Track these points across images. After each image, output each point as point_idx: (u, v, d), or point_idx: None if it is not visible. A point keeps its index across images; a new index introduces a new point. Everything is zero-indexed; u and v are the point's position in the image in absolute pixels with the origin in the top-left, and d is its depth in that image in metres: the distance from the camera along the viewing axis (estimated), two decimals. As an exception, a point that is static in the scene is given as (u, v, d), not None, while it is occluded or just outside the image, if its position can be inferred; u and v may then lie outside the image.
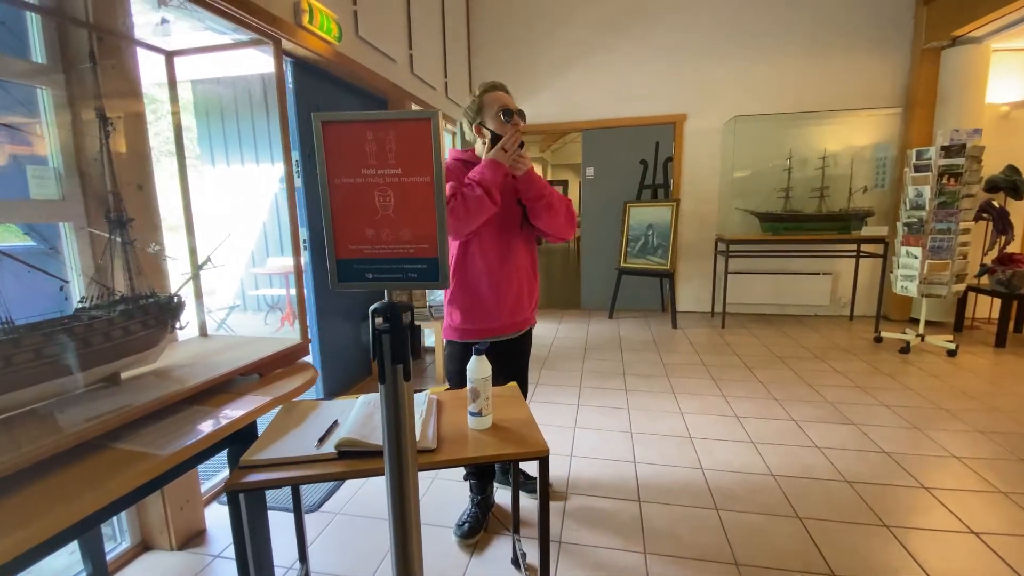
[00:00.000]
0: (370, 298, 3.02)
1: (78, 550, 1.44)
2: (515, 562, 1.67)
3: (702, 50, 5.06)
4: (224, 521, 1.95)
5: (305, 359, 1.66)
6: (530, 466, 2.11)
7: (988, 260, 4.32)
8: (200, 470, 2.04)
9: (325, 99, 2.94)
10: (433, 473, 2.25)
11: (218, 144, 6.16)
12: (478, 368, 1.24)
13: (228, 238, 5.42)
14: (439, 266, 0.84)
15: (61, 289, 1.11)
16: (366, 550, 1.78)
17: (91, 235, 1.58)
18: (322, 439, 1.16)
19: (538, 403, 3.04)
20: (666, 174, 5.24)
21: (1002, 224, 4.17)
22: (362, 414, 1.22)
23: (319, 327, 2.96)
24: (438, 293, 3.76)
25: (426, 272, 0.85)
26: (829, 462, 2.29)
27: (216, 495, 2.08)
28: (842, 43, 4.78)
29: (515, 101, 1.70)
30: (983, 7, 3.82)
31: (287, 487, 1.61)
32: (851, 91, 4.82)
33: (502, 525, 1.90)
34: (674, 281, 5.10)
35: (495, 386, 1.57)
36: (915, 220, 3.79)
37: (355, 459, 1.10)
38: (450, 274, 1.73)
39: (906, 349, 3.91)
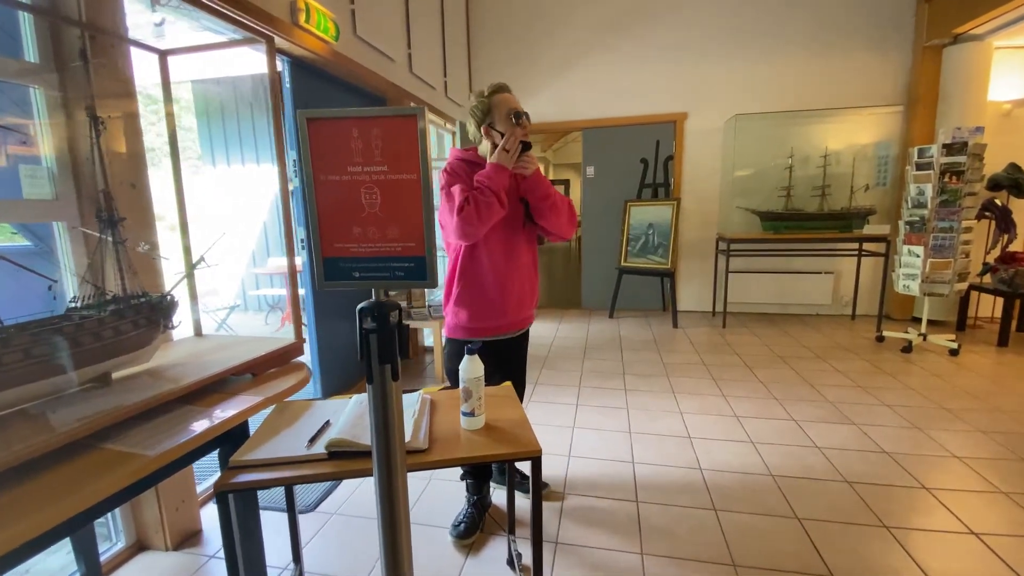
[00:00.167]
0: (369, 297, 2.99)
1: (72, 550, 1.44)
2: (510, 563, 1.66)
3: (703, 48, 5.04)
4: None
5: (300, 359, 1.65)
6: (526, 465, 2.10)
7: (990, 259, 4.29)
8: (196, 470, 2.03)
9: (323, 99, 2.93)
10: (429, 473, 2.24)
11: (219, 144, 6.16)
12: (470, 368, 1.23)
13: (222, 237, 5.43)
14: (426, 264, 0.83)
15: (50, 288, 1.10)
16: (362, 550, 1.77)
17: (84, 235, 1.58)
18: (313, 439, 1.16)
19: (537, 403, 3.03)
20: (667, 173, 5.23)
21: (1004, 223, 4.15)
22: (354, 414, 1.21)
23: (317, 327, 2.95)
24: (438, 292, 3.75)
25: (413, 271, 0.84)
26: (829, 462, 2.27)
27: (212, 495, 2.07)
28: (843, 41, 4.76)
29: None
30: (984, 4, 3.79)
31: (281, 487, 1.60)
32: (852, 89, 4.79)
33: (498, 526, 1.89)
34: (675, 280, 5.09)
35: (496, 384, 1.57)
36: (917, 218, 3.77)
37: (345, 460, 1.09)
38: (455, 274, 1.74)
39: (908, 348, 3.89)
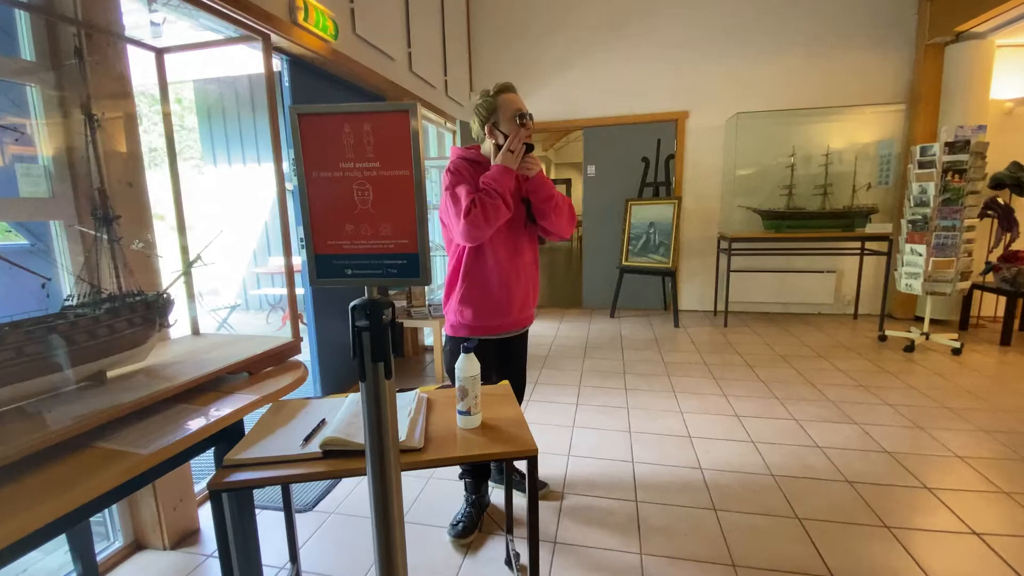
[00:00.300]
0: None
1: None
2: (508, 563, 1.65)
3: (704, 46, 5.02)
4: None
5: (297, 358, 1.64)
6: (525, 465, 2.10)
7: (993, 258, 4.27)
8: (194, 469, 2.03)
9: (322, 98, 2.93)
10: (428, 473, 2.24)
11: (220, 144, 6.17)
12: (467, 366, 1.22)
13: (219, 235, 5.44)
14: (419, 261, 0.83)
15: (43, 286, 1.10)
16: (360, 550, 1.76)
17: (82, 233, 1.57)
18: (308, 438, 1.15)
19: (537, 402, 3.02)
20: (668, 172, 5.21)
21: (1007, 221, 4.13)
22: (349, 413, 1.20)
23: (316, 326, 2.94)
24: (439, 291, 3.74)
25: (406, 268, 0.83)
26: (830, 462, 2.26)
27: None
28: (845, 39, 4.73)
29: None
30: (986, 2, 3.76)
31: (278, 486, 1.60)
32: (854, 87, 4.77)
33: (496, 525, 1.89)
34: (676, 280, 5.07)
35: (498, 382, 1.56)
36: (919, 217, 3.75)
37: (340, 458, 1.08)
38: (459, 273, 1.74)
39: (910, 347, 3.87)
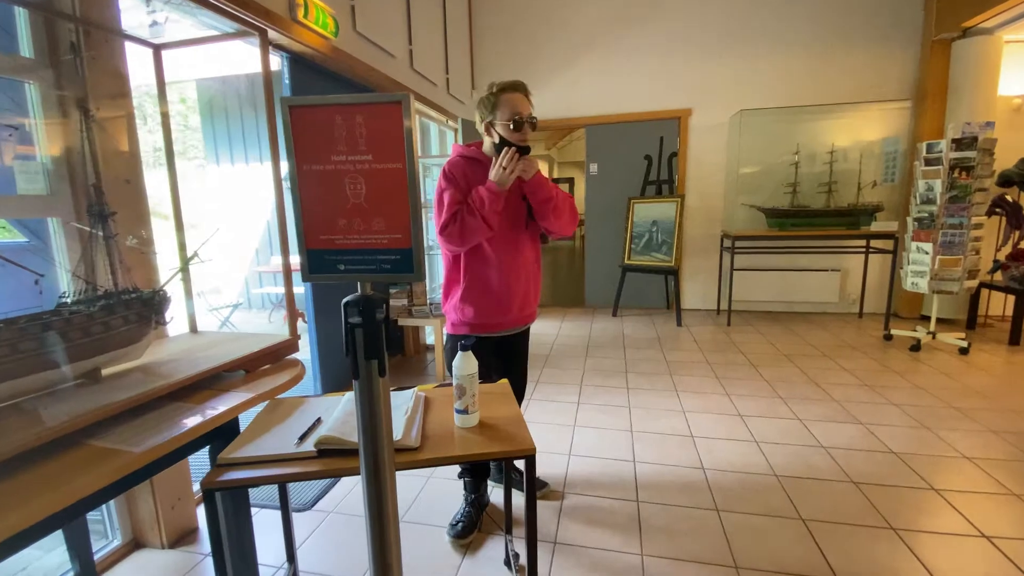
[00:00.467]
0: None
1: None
2: (507, 563, 1.63)
3: (707, 43, 4.98)
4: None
5: (294, 355, 1.63)
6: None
7: (1001, 256, 4.21)
8: (193, 468, 2.02)
9: (322, 95, 2.92)
10: (428, 471, 2.22)
11: (223, 143, 6.17)
12: (464, 365, 1.20)
13: (216, 233, 5.45)
14: (413, 257, 0.81)
15: (36, 283, 1.09)
16: (359, 549, 1.75)
17: (80, 230, 1.57)
18: (303, 437, 1.14)
19: (538, 401, 3.00)
20: (671, 170, 5.18)
21: (1015, 219, 4.07)
22: (345, 411, 1.19)
23: (316, 324, 2.94)
24: (440, 289, 3.73)
25: (399, 263, 0.81)
26: (835, 462, 2.23)
27: (210, 493, 2.06)
28: (850, 35, 4.69)
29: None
30: (995, -4, 3.72)
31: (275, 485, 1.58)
32: (859, 84, 4.72)
33: (496, 525, 1.87)
34: (679, 278, 5.04)
35: (498, 380, 1.54)
36: (926, 215, 3.71)
37: (335, 457, 1.07)
38: (460, 270, 1.72)
39: (917, 347, 3.82)
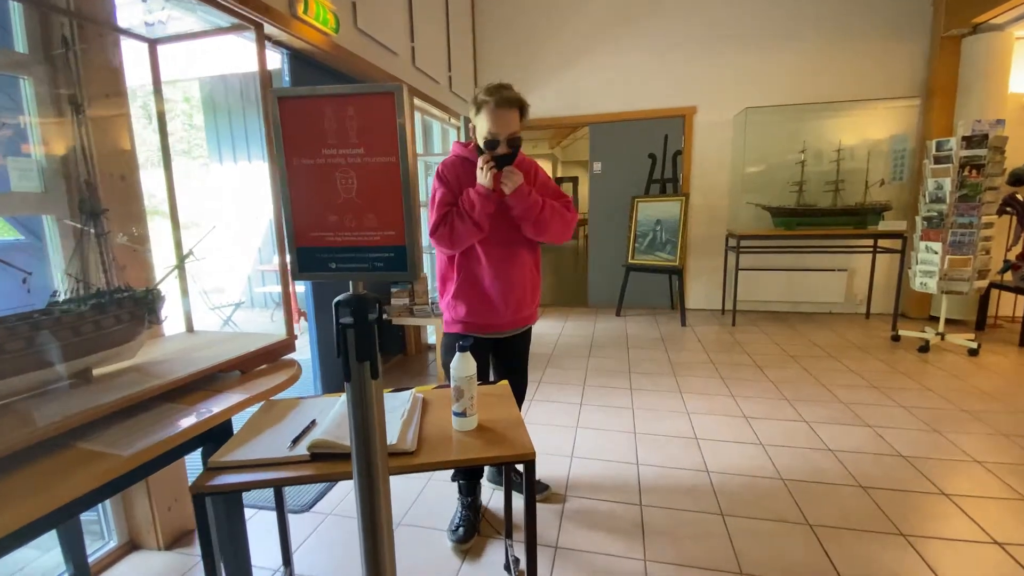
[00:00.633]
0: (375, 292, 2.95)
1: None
2: (507, 567, 1.60)
3: (712, 40, 4.93)
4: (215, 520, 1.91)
5: (291, 356, 1.60)
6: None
7: (1012, 256, 4.15)
8: (190, 469, 2.00)
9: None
10: (427, 473, 2.19)
11: (226, 141, 6.16)
12: (462, 366, 1.17)
13: (212, 231, 5.44)
14: (407, 254, 0.78)
15: (24, 281, 1.06)
16: (357, 553, 1.72)
17: (74, 228, 1.54)
18: (296, 440, 1.11)
19: (540, 402, 2.96)
20: (675, 168, 5.13)
21: (1027, 218, 4.00)
22: (339, 414, 1.16)
23: (316, 324, 2.91)
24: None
25: (393, 261, 0.78)
26: (842, 466, 2.19)
27: (208, 494, 2.04)
28: (857, 31, 4.62)
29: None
30: (1006, -8, 3.66)
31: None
32: (867, 81, 4.66)
33: (494, 529, 1.84)
34: (683, 278, 4.99)
35: (498, 382, 1.51)
36: (935, 214, 3.65)
37: (328, 461, 1.04)
38: (453, 268, 1.70)
39: (925, 348, 3.77)
